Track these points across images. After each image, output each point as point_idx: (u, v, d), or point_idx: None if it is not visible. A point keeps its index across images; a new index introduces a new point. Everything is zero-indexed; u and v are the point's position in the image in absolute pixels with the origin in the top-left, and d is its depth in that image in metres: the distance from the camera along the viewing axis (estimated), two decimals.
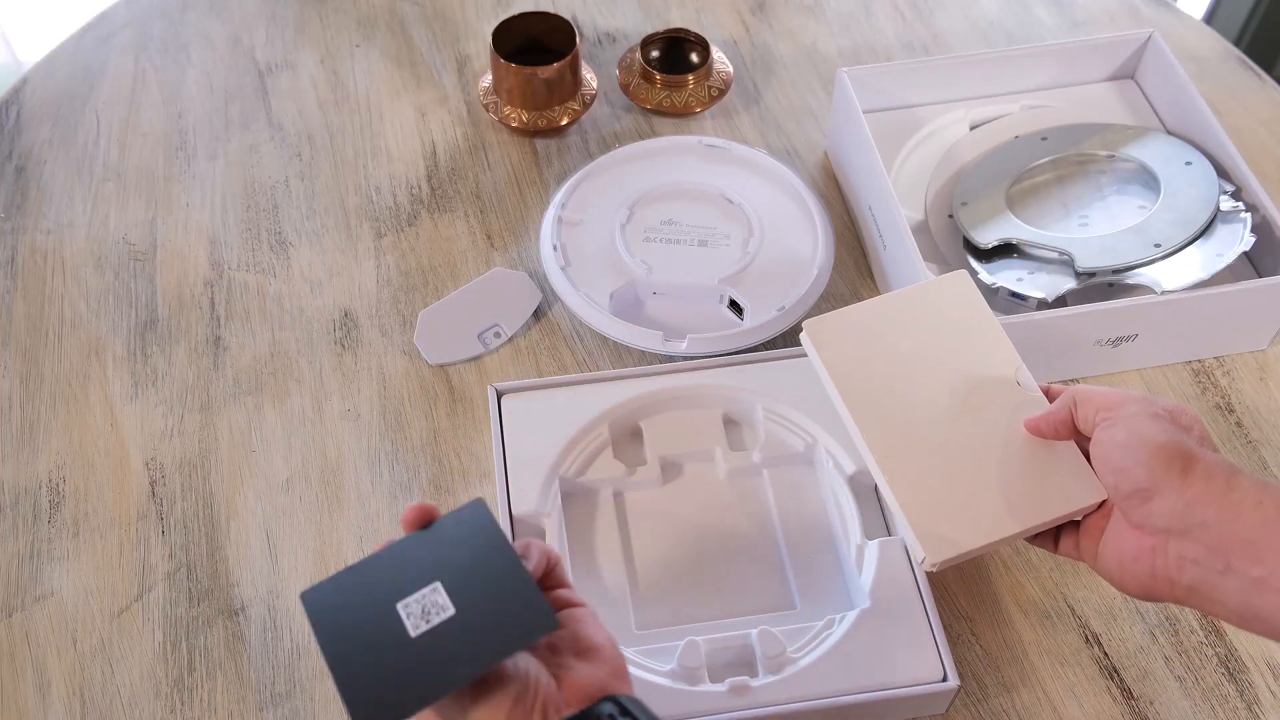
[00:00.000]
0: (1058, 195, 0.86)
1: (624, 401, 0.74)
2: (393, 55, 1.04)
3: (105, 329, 0.85)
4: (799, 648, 0.65)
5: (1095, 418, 0.58)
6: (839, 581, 0.70)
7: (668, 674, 0.64)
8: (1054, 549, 0.62)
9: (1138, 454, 0.54)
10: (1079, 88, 0.95)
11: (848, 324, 0.68)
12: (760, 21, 1.07)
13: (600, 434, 0.74)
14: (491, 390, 0.75)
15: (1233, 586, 0.52)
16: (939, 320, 0.68)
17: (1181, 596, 0.55)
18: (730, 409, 0.76)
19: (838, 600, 0.69)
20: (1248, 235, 0.79)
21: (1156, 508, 0.54)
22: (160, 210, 0.93)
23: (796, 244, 0.85)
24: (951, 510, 0.61)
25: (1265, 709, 0.67)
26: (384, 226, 0.91)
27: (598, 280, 0.83)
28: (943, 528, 0.61)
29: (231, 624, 0.71)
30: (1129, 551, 0.56)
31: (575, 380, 0.76)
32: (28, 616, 0.72)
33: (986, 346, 0.67)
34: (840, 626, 0.65)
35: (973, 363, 0.66)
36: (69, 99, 1.01)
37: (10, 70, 1.80)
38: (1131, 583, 0.56)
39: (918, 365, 0.66)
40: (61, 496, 0.77)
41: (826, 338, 0.67)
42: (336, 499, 0.77)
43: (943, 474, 0.62)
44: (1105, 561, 0.58)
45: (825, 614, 0.67)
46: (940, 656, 0.64)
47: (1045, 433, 0.62)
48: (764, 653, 0.64)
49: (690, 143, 0.92)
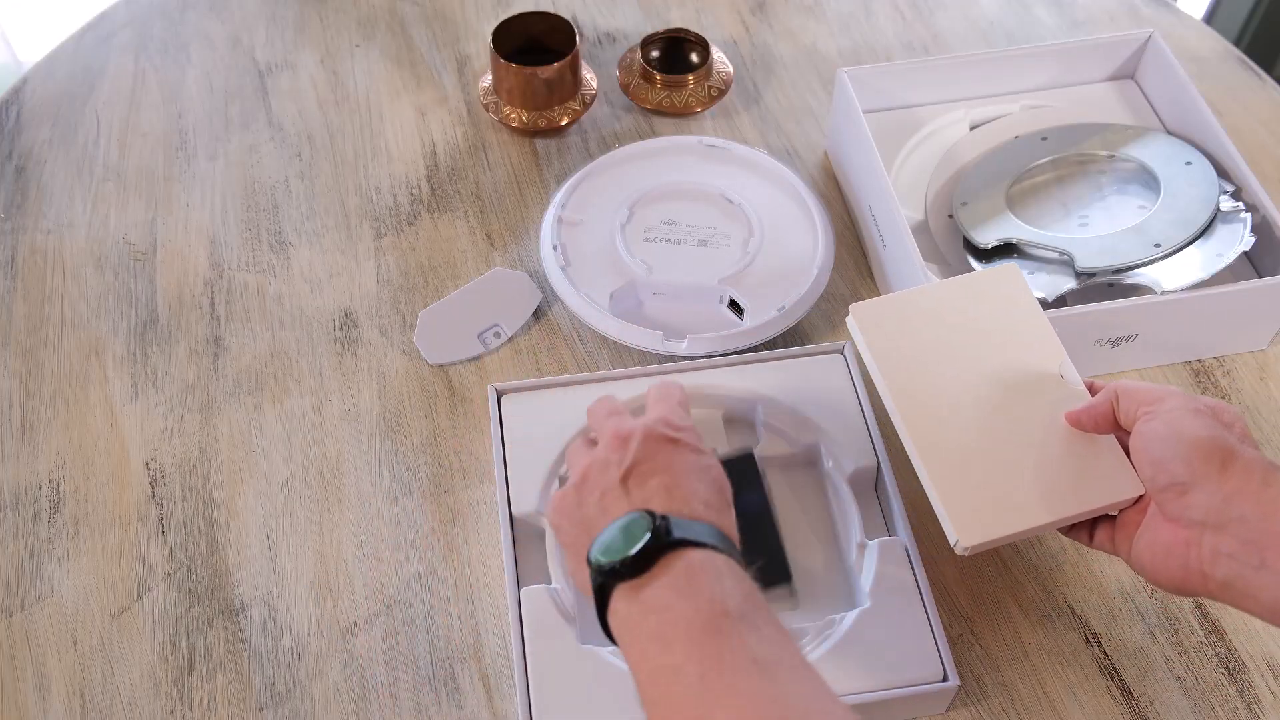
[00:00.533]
0: (1058, 195, 0.86)
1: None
2: (393, 55, 1.04)
3: (105, 329, 0.85)
4: (799, 647, 0.65)
5: (1136, 411, 0.58)
6: (840, 581, 0.70)
7: None
8: (1089, 541, 0.62)
9: (1176, 447, 0.55)
10: (1079, 88, 0.95)
11: (895, 308, 0.68)
12: (760, 21, 1.07)
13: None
14: (491, 390, 0.75)
15: (1268, 582, 0.52)
16: (986, 311, 0.68)
17: (1215, 591, 0.55)
18: (730, 409, 0.76)
19: (838, 600, 0.69)
20: (1248, 235, 0.79)
21: (1193, 501, 0.54)
22: (160, 210, 0.93)
23: (796, 244, 0.85)
24: (986, 496, 0.61)
25: (1265, 709, 0.67)
26: (384, 226, 0.91)
27: (598, 280, 0.83)
28: (976, 511, 0.61)
29: (231, 624, 0.71)
30: (1163, 545, 0.56)
31: (575, 380, 0.76)
32: (28, 616, 0.72)
33: (1032, 340, 0.67)
34: (840, 626, 0.65)
35: (1017, 355, 0.66)
36: (69, 99, 1.01)
37: (10, 70, 1.80)
38: (1165, 577, 0.56)
39: (961, 354, 0.66)
40: (61, 496, 0.77)
41: (873, 321, 0.67)
42: (336, 499, 0.77)
43: (980, 460, 0.63)
44: (1139, 555, 0.58)
45: (825, 614, 0.67)
46: (940, 656, 0.64)
47: (1086, 425, 0.62)
48: None
49: (691, 143, 0.92)
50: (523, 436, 0.73)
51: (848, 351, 0.77)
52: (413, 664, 0.70)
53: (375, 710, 0.68)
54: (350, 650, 0.70)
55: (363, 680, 0.69)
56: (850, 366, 0.76)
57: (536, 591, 0.67)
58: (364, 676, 0.69)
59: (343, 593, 0.72)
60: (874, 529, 0.71)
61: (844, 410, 0.74)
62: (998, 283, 0.69)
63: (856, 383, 0.75)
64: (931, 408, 0.64)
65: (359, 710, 0.68)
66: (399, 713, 0.68)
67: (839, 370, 0.76)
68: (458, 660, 0.70)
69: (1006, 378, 0.65)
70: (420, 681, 0.69)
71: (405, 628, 0.71)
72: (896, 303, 0.68)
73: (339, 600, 0.72)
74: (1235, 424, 0.57)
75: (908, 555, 0.68)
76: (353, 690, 0.69)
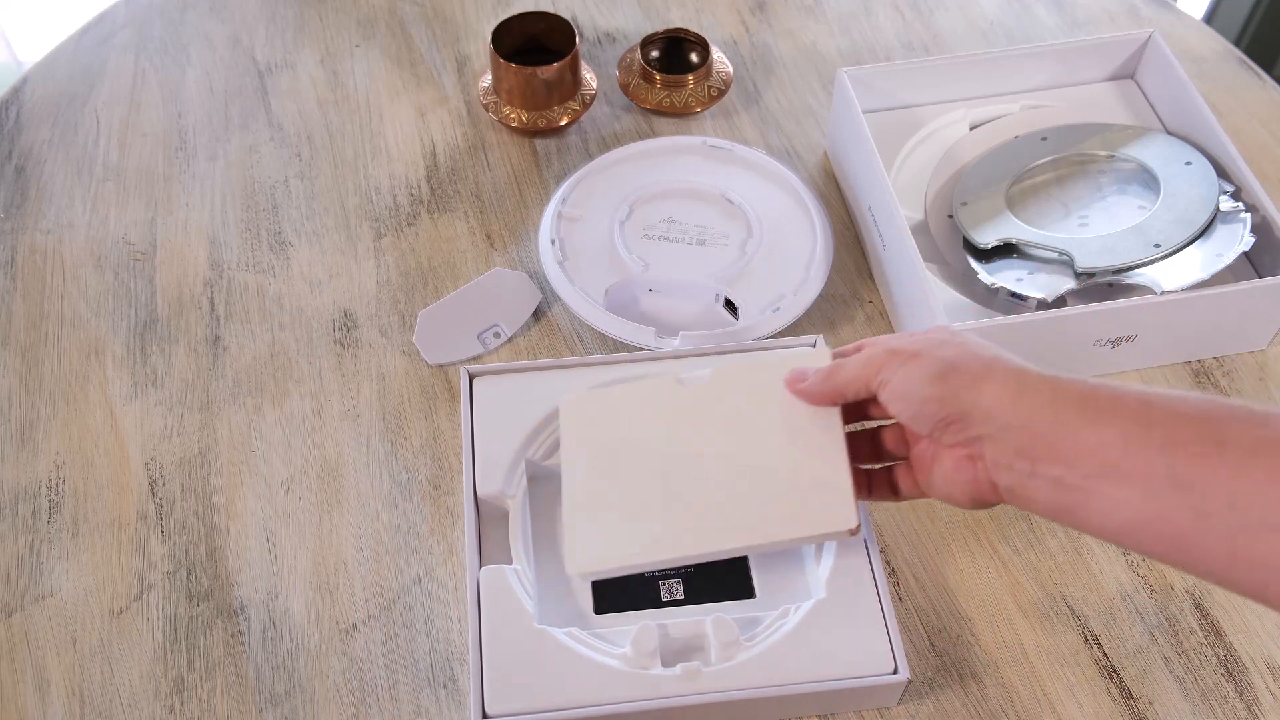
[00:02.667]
0: (1058, 195, 0.86)
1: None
2: (392, 55, 1.04)
3: (105, 329, 0.85)
4: (753, 636, 0.65)
5: (873, 386, 0.59)
6: (799, 572, 0.70)
7: (620, 657, 0.65)
8: (896, 498, 0.64)
9: (920, 393, 0.56)
10: (1079, 88, 0.95)
11: (608, 403, 0.69)
12: (760, 21, 1.07)
13: None
14: (464, 372, 0.75)
15: (1041, 486, 0.53)
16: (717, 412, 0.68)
17: (1006, 499, 0.56)
18: None
19: (796, 591, 0.69)
20: (1247, 235, 0.79)
21: (960, 427, 0.55)
22: (160, 210, 0.93)
23: (795, 245, 0.85)
24: (618, 529, 0.64)
25: (1265, 709, 0.67)
26: (384, 226, 0.91)
27: (594, 275, 0.84)
28: (597, 543, 0.64)
29: (231, 624, 0.71)
30: (950, 465, 0.57)
31: (548, 365, 0.76)
32: (27, 617, 0.72)
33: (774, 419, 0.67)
34: (794, 616, 0.66)
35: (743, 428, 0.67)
36: (69, 99, 1.01)
37: (10, 70, 1.80)
38: (960, 494, 0.57)
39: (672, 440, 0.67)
40: (61, 496, 0.77)
41: (580, 414, 0.69)
42: (336, 499, 0.77)
43: (630, 495, 0.65)
44: (936, 485, 0.59)
45: (781, 604, 0.67)
46: (892, 649, 0.64)
47: (816, 396, 0.63)
48: (717, 639, 0.65)
49: (694, 143, 0.92)
50: (492, 418, 0.73)
51: (820, 344, 0.77)
52: (412, 664, 0.70)
53: (375, 710, 0.68)
54: (350, 650, 0.70)
55: (362, 680, 0.69)
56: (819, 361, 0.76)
57: (496, 571, 0.67)
58: (363, 677, 0.69)
59: (342, 593, 0.72)
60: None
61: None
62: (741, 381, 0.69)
63: None
64: (606, 458, 0.67)
65: (358, 710, 0.68)
66: (398, 713, 0.68)
67: (808, 364, 0.76)
68: (457, 660, 0.70)
69: (709, 430, 0.66)
70: (420, 682, 0.69)
71: (405, 628, 0.71)
72: (612, 396, 0.69)
73: (338, 600, 0.72)
74: (950, 340, 0.57)
75: (866, 548, 0.68)
76: (352, 690, 0.69)
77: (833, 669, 0.64)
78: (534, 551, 0.70)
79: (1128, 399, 0.51)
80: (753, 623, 0.66)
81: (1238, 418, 0.48)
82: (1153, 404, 0.50)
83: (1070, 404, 0.52)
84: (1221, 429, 0.48)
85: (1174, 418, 0.49)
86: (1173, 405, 0.50)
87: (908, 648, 0.69)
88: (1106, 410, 0.51)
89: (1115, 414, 0.51)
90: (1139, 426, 0.50)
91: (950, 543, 0.74)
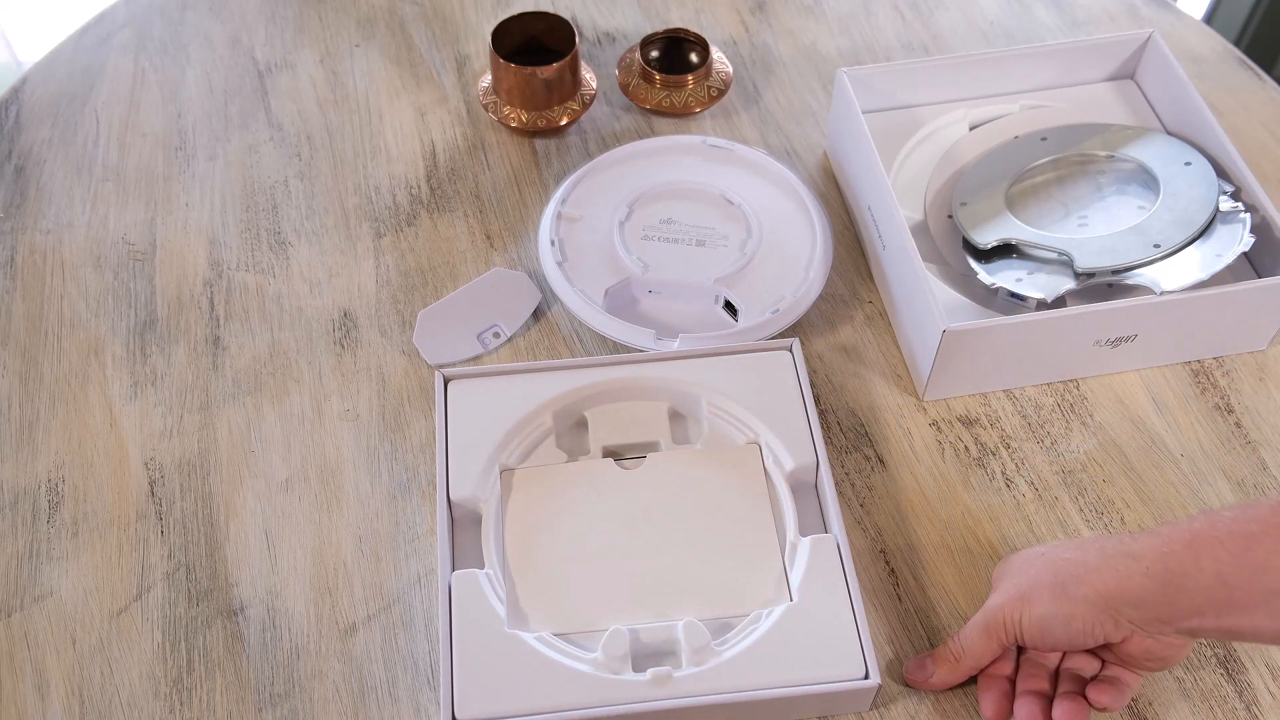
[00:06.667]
0: (1057, 195, 0.86)
1: (569, 391, 0.75)
2: (392, 55, 1.04)
3: (104, 329, 0.85)
4: (724, 640, 0.65)
5: (1009, 637, 0.63)
6: (769, 577, 0.70)
7: (590, 661, 0.65)
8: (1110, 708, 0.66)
9: (1056, 632, 0.61)
10: (1079, 88, 0.95)
11: (550, 479, 0.73)
12: (760, 21, 1.07)
13: (543, 422, 0.74)
14: (438, 375, 0.75)
15: (1194, 632, 0.59)
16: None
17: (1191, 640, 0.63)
18: (676, 402, 0.77)
19: (768, 595, 0.69)
20: (1247, 235, 0.79)
21: (1098, 634, 0.61)
22: (160, 210, 0.93)
23: (795, 246, 0.85)
24: (556, 595, 0.68)
25: (1264, 710, 0.67)
26: (383, 226, 0.91)
27: (593, 276, 0.83)
28: (536, 606, 0.68)
29: (230, 624, 0.71)
30: (1135, 649, 0.62)
31: (523, 369, 0.76)
32: (27, 617, 0.72)
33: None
34: (765, 621, 0.66)
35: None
36: (69, 99, 1.01)
37: (10, 70, 1.80)
38: (1166, 660, 0.64)
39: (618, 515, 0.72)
40: (60, 496, 0.77)
41: (523, 485, 0.73)
42: (336, 499, 0.77)
43: (569, 565, 0.69)
44: (1147, 664, 0.64)
45: (753, 608, 0.67)
46: (864, 654, 0.64)
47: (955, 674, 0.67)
48: (688, 644, 0.65)
49: (694, 142, 0.92)
50: (467, 421, 0.74)
51: (795, 349, 0.77)
52: (412, 664, 0.70)
53: (374, 710, 0.68)
54: (349, 650, 0.70)
55: (361, 680, 0.69)
56: (797, 364, 0.77)
57: (468, 575, 0.68)
58: (363, 677, 0.69)
59: (342, 593, 0.72)
60: (809, 526, 0.72)
61: (787, 407, 0.75)
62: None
63: (802, 380, 0.76)
64: (554, 530, 0.71)
65: (358, 710, 0.68)
66: (398, 713, 0.68)
67: (786, 367, 0.76)
68: None
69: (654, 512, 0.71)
70: (419, 681, 0.69)
71: (404, 628, 0.71)
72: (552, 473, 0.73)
73: (338, 600, 0.72)
74: (1026, 564, 0.64)
75: (839, 553, 0.68)
76: (352, 690, 0.69)
77: (804, 674, 0.64)
78: (507, 556, 0.70)
79: (1159, 531, 0.59)
80: (724, 627, 0.67)
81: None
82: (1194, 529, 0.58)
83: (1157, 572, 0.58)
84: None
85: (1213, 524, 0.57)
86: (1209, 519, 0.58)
87: (907, 647, 0.69)
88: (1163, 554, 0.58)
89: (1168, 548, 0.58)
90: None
91: (950, 543, 0.74)
